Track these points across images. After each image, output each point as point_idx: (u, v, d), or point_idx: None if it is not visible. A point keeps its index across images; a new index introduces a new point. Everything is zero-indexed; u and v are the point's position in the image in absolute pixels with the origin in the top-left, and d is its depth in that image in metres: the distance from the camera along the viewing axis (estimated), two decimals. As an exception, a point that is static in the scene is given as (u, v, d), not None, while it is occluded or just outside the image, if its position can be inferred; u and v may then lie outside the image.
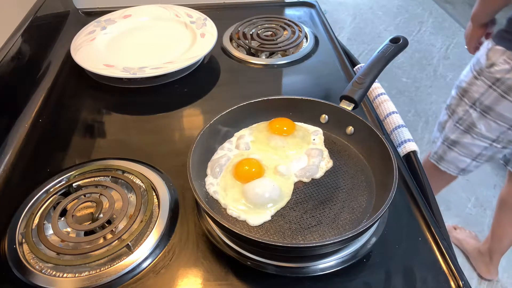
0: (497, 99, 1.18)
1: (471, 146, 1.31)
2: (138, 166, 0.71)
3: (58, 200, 0.64)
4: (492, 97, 1.19)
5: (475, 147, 1.30)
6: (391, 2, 3.64)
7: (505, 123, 1.21)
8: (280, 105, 0.75)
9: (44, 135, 0.81)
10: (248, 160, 0.68)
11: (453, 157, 1.37)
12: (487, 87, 1.19)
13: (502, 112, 1.19)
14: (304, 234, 0.59)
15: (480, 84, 1.21)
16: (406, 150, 0.75)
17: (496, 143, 1.27)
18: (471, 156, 1.33)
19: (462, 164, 1.37)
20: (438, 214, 0.66)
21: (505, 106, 1.17)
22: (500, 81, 1.16)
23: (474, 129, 1.27)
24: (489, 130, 1.25)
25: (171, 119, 0.86)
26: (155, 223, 0.62)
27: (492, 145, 1.28)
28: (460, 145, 1.33)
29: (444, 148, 1.38)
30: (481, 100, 1.22)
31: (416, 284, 0.56)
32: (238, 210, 0.62)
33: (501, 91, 1.16)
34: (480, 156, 1.33)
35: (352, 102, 0.71)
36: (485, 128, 1.25)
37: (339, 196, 0.64)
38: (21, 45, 0.88)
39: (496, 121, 1.22)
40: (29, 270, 0.56)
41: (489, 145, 1.28)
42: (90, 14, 1.18)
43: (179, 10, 1.11)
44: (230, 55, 1.02)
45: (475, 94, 1.23)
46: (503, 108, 1.18)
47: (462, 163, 1.37)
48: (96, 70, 0.90)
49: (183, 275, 0.57)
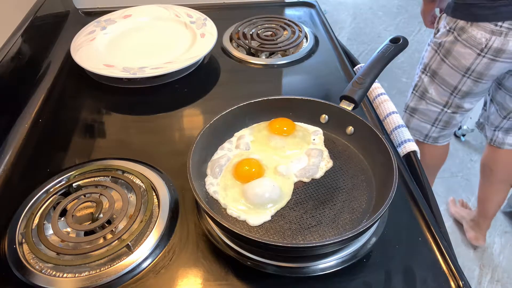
0: (439, 63, 1.28)
1: (427, 112, 1.40)
2: (138, 166, 0.71)
3: (58, 200, 0.64)
4: (436, 61, 1.29)
5: (430, 112, 1.40)
6: (391, 2, 3.64)
7: (447, 88, 1.30)
8: (280, 105, 0.75)
9: (44, 135, 0.81)
10: (248, 160, 0.68)
11: (416, 124, 1.47)
12: (434, 52, 1.30)
13: (444, 76, 1.28)
14: (304, 234, 0.59)
15: (429, 50, 1.33)
16: (406, 150, 0.75)
17: (447, 108, 1.35)
18: (430, 121, 1.42)
19: (424, 130, 1.47)
20: (438, 214, 0.66)
21: (445, 70, 1.27)
22: (441, 45, 1.26)
23: (426, 94, 1.37)
24: (438, 95, 1.34)
25: (171, 119, 0.86)
26: (155, 223, 0.62)
27: (443, 110, 1.37)
28: (419, 111, 1.43)
29: (407, 117, 1.49)
30: (429, 65, 1.32)
31: (416, 284, 0.56)
32: (238, 210, 0.62)
33: (442, 55, 1.26)
34: (437, 121, 1.41)
35: (352, 102, 0.71)
36: (435, 93, 1.35)
37: (339, 196, 0.64)
38: (21, 45, 0.88)
39: (441, 85, 1.31)
40: (29, 270, 0.56)
41: (441, 110, 1.37)
42: (90, 14, 1.18)
43: (179, 10, 1.11)
44: (230, 55, 1.02)
45: (426, 59, 1.35)
46: (444, 72, 1.28)
47: (424, 129, 1.46)
48: (96, 70, 0.90)
49: (183, 275, 0.57)
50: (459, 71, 1.25)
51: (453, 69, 1.26)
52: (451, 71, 1.26)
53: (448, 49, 1.25)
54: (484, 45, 1.16)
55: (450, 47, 1.24)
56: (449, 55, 1.25)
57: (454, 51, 1.23)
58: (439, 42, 1.28)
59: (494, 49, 1.15)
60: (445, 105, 1.35)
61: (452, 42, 1.23)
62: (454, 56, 1.24)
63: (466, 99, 1.32)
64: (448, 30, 1.24)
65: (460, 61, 1.23)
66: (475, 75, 1.23)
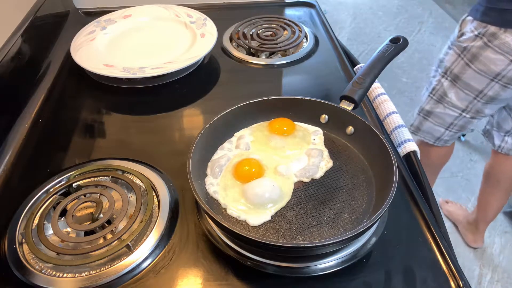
0: (463, 68, 1.25)
1: (443, 116, 1.38)
2: (138, 166, 0.71)
3: (58, 200, 0.64)
4: (459, 66, 1.26)
5: (447, 116, 1.38)
6: (391, 2, 3.64)
7: (471, 92, 1.27)
8: (280, 105, 0.75)
9: (44, 135, 0.81)
10: (248, 160, 0.68)
11: (428, 127, 1.45)
12: (456, 56, 1.27)
13: (468, 81, 1.25)
14: (304, 234, 0.59)
15: (452, 54, 1.29)
16: (406, 150, 0.75)
17: (465, 113, 1.33)
18: (444, 125, 1.41)
19: (436, 133, 1.45)
20: (438, 214, 0.66)
21: (470, 74, 1.24)
22: (466, 50, 1.22)
23: (445, 98, 1.34)
24: (459, 99, 1.31)
25: (171, 119, 0.86)
26: (155, 223, 0.62)
27: (461, 115, 1.35)
28: (434, 114, 1.41)
29: (420, 119, 1.46)
30: (451, 69, 1.29)
31: (416, 284, 0.56)
32: (238, 210, 0.62)
33: (467, 59, 1.23)
34: (452, 126, 1.40)
35: (352, 102, 0.71)
36: (455, 97, 1.31)
37: (339, 196, 0.64)
38: (21, 45, 0.88)
39: (463, 90, 1.28)
40: (29, 270, 0.56)
41: (459, 114, 1.35)
42: (90, 14, 1.18)
43: (179, 10, 1.11)
44: (230, 55, 1.02)
45: (447, 63, 1.31)
46: (468, 77, 1.25)
47: (437, 132, 1.45)
48: (96, 70, 0.90)
49: (183, 275, 0.57)
50: (487, 76, 1.21)
51: (479, 74, 1.22)
52: (477, 76, 1.23)
53: (474, 54, 1.20)
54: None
55: (478, 52, 1.19)
56: (476, 60, 1.21)
57: (482, 56, 1.19)
58: (464, 46, 1.23)
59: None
60: (464, 109, 1.32)
61: (481, 47, 1.18)
62: (481, 62, 1.20)
63: (489, 105, 1.29)
64: (476, 35, 1.19)
65: (489, 66, 1.19)
66: (505, 81, 1.20)
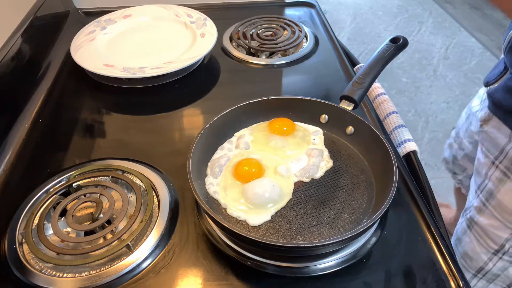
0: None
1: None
2: (138, 166, 0.71)
3: (58, 200, 0.64)
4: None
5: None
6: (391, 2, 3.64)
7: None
8: (280, 105, 0.75)
9: (44, 135, 0.81)
10: (248, 160, 0.68)
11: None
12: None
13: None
14: (304, 234, 0.59)
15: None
16: (406, 150, 0.75)
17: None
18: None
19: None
20: (438, 214, 0.66)
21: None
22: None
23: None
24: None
25: (171, 119, 0.86)
26: (155, 223, 0.62)
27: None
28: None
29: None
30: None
31: (416, 284, 0.56)
32: (238, 210, 0.62)
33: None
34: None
35: (352, 102, 0.71)
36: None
37: (339, 196, 0.64)
38: (21, 45, 0.88)
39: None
40: (29, 270, 0.56)
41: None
42: (90, 14, 1.18)
43: (179, 10, 1.11)
44: (230, 55, 1.02)
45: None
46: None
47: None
48: (96, 70, 0.90)
49: (183, 275, 0.57)
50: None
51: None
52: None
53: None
54: None
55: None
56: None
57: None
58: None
59: None
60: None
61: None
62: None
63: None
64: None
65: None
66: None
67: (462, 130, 1.10)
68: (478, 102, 1.00)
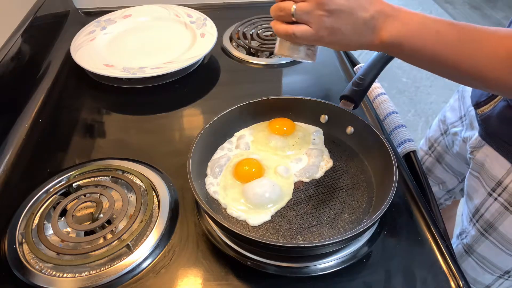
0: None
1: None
2: (138, 166, 0.71)
3: (58, 200, 0.64)
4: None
5: None
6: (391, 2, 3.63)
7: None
8: (280, 105, 0.75)
9: (44, 135, 0.81)
10: (248, 160, 0.68)
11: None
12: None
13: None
14: (304, 234, 0.59)
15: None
16: (406, 150, 0.75)
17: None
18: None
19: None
20: (438, 214, 0.66)
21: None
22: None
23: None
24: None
25: (171, 119, 0.86)
26: (155, 223, 0.62)
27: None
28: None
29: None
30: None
31: (416, 284, 0.56)
32: (238, 210, 0.62)
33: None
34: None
35: (352, 102, 0.71)
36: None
37: (339, 196, 0.64)
38: (21, 45, 0.88)
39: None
40: (29, 270, 0.56)
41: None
42: (90, 14, 1.18)
43: (179, 10, 1.11)
44: (230, 55, 1.02)
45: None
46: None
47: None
48: (96, 70, 0.90)
49: (183, 275, 0.57)
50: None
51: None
52: None
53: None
54: None
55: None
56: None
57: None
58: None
59: None
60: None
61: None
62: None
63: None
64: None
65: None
66: None
67: (439, 143, 0.99)
68: (455, 117, 0.91)
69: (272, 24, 0.59)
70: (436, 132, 0.99)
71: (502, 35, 0.51)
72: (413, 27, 0.54)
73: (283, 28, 0.57)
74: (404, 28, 0.54)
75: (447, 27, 0.53)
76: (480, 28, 0.52)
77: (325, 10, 0.53)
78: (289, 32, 0.56)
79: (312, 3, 0.53)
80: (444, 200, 1.06)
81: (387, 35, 0.54)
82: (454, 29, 0.52)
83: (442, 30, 0.52)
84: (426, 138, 1.04)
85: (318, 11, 0.53)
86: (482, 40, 0.52)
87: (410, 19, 0.54)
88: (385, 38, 0.54)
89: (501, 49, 0.50)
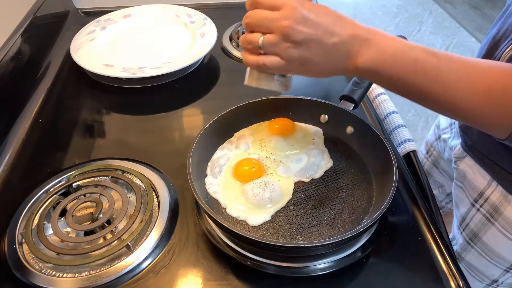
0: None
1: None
2: (138, 166, 0.71)
3: (58, 200, 0.64)
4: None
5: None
6: (391, 2, 3.64)
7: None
8: (280, 105, 0.75)
9: (44, 135, 0.81)
10: (248, 160, 0.68)
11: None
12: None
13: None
14: (304, 234, 0.59)
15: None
16: (406, 150, 0.75)
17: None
18: None
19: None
20: (438, 214, 0.66)
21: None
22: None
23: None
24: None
25: (171, 119, 0.86)
26: (155, 223, 0.62)
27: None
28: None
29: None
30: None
31: (416, 284, 0.56)
32: (238, 210, 0.62)
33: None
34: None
35: (352, 102, 0.71)
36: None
37: (339, 196, 0.64)
38: (21, 45, 0.88)
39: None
40: (29, 270, 0.56)
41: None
42: (90, 14, 1.18)
43: (179, 10, 1.11)
44: (230, 55, 1.02)
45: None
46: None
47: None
48: (96, 70, 0.90)
49: (183, 275, 0.57)
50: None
51: None
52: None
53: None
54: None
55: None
56: None
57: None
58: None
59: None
60: None
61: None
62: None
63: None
64: None
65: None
66: None
67: (434, 148, 0.99)
68: (446, 123, 0.91)
69: (242, 55, 0.56)
70: (432, 136, 1.00)
71: (483, 67, 0.49)
72: (390, 53, 0.50)
73: (253, 59, 0.54)
74: (381, 54, 0.50)
75: (426, 55, 0.49)
76: (460, 59, 0.49)
77: (292, 41, 0.49)
78: (259, 63, 0.53)
79: (278, 35, 0.50)
80: (445, 203, 1.06)
81: (362, 61, 0.51)
82: (433, 57, 0.49)
83: (421, 58, 0.49)
84: (425, 142, 1.05)
85: (284, 43, 0.50)
86: (462, 71, 0.49)
87: (387, 45, 0.50)
88: (360, 64, 0.51)
89: (481, 83, 0.48)
